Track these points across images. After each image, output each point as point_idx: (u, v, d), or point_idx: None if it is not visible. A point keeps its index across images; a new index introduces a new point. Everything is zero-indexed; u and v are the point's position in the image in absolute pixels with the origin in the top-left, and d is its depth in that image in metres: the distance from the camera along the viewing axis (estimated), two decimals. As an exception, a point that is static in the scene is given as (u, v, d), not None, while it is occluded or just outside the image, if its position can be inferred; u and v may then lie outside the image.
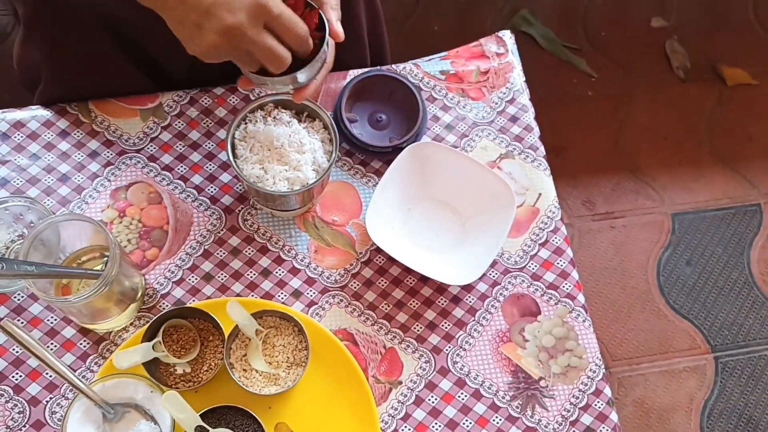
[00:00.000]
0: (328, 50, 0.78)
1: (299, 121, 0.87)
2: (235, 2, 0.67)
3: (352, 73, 0.98)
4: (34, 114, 0.93)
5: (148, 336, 0.79)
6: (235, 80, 0.95)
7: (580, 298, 0.91)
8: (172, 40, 0.71)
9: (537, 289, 0.91)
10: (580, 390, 0.86)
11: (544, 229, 0.94)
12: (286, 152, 0.84)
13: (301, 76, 0.76)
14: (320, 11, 0.76)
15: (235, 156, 0.84)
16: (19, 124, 0.92)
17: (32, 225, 0.86)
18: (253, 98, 0.96)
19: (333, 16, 0.76)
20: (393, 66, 1.00)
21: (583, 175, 1.68)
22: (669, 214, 1.67)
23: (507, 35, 1.04)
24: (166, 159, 0.92)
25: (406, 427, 0.84)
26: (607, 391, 0.87)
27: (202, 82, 0.95)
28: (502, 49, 1.03)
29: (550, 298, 0.91)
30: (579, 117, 1.74)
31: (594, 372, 0.88)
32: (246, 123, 0.86)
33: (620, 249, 1.62)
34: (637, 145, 1.73)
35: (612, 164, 1.70)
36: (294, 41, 0.72)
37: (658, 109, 1.77)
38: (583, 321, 0.90)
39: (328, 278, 0.90)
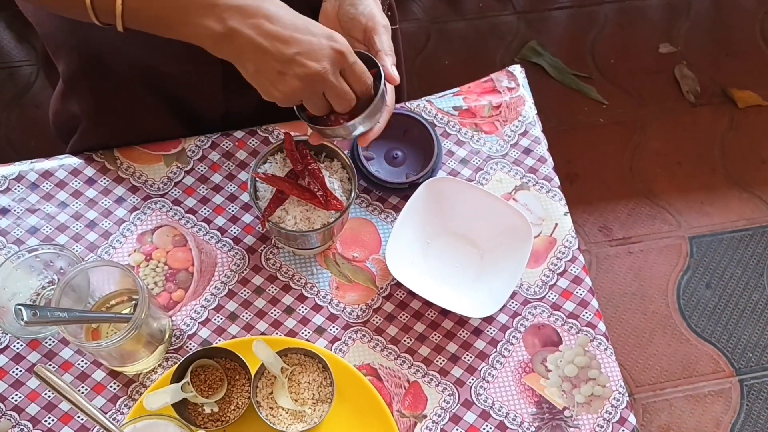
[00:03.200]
0: (387, 96, 0.82)
1: (318, 161, 0.89)
2: (317, 51, 0.71)
3: (368, 113, 1.00)
4: (62, 163, 0.96)
5: (177, 377, 0.81)
6: (261, 124, 0.98)
7: (601, 326, 0.92)
8: (209, 90, 0.74)
9: (557, 319, 0.92)
10: (604, 419, 0.87)
11: (561, 259, 0.95)
12: (307, 192, 0.86)
13: (360, 127, 0.80)
14: (375, 59, 0.80)
15: (256, 197, 0.86)
16: (47, 174, 0.95)
17: (62, 271, 0.89)
18: (273, 141, 0.99)
19: (387, 61, 0.81)
20: (407, 103, 1.03)
21: (599, 202, 1.69)
22: (686, 237, 1.67)
23: (517, 70, 1.06)
24: (190, 202, 0.95)
25: (432, 460, 0.84)
26: (632, 419, 0.87)
27: (235, 127, 0.99)
28: (513, 84, 1.05)
29: (571, 328, 0.91)
30: (592, 144, 1.76)
31: (618, 400, 0.88)
32: (266, 164, 0.88)
33: (639, 274, 1.62)
34: (651, 170, 1.74)
35: (627, 190, 1.71)
36: (360, 87, 0.77)
37: (670, 134, 1.78)
38: (605, 349, 0.90)
39: (350, 314, 0.91)
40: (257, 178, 0.85)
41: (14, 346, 0.87)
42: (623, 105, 1.81)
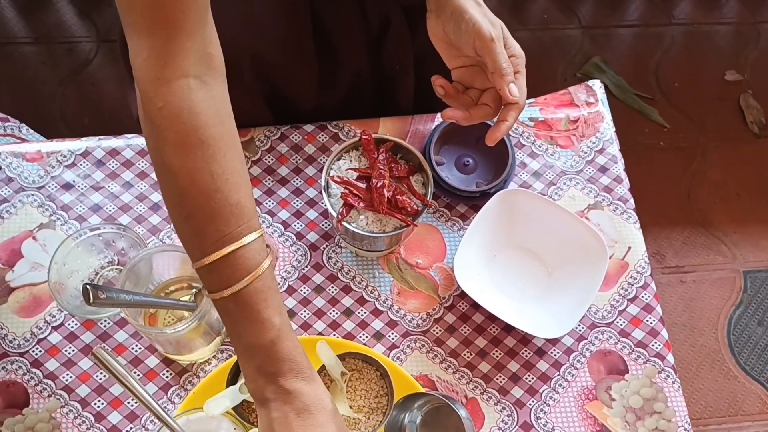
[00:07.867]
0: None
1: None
2: None
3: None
4: (130, 143, 0.94)
5: (232, 375, 0.79)
6: (351, 117, 0.97)
7: (670, 358, 0.88)
8: (306, 80, 0.72)
9: (625, 347, 0.88)
10: (669, 455, 0.83)
11: (633, 285, 0.91)
12: (381, 193, 0.83)
13: None
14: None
15: (328, 194, 0.84)
16: (114, 152, 0.94)
17: (123, 252, 0.87)
18: (342, 137, 0.96)
19: (504, 83, 0.76)
20: (481, 111, 1.00)
21: (653, 227, 1.64)
22: (741, 271, 1.62)
23: (597, 85, 1.03)
24: (255, 193, 0.93)
25: (486, 481, 0.81)
26: (697, 458, 0.83)
27: (323, 119, 0.97)
28: (592, 99, 1.02)
29: (639, 357, 0.88)
30: (650, 167, 1.71)
31: (684, 437, 0.84)
32: (341, 161, 0.85)
33: (690, 305, 1.58)
34: (708, 199, 1.69)
35: (683, 217, 1.67)
36: None
37: (731, 164, 1.73)
38: (673, 383, 0.87)
39: (410, 322, 0.88)
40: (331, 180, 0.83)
41: (69, 324, 0.85)
42: (685, 130, 1.76)
